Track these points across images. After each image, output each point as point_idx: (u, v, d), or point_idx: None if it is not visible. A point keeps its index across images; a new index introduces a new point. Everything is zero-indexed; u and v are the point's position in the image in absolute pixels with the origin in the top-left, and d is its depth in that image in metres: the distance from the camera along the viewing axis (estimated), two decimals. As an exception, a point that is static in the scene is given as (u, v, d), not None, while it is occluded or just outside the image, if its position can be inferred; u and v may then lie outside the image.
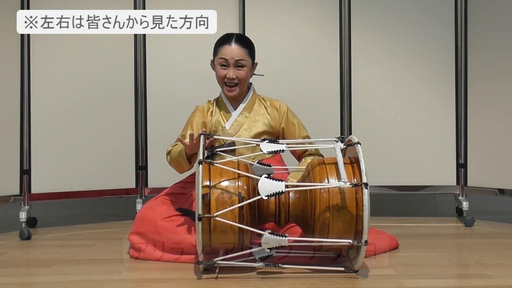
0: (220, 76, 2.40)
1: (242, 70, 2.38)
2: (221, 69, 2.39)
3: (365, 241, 1.84)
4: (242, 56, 2.37)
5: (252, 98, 2.48)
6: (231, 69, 2.37)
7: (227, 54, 2.37)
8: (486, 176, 3.07)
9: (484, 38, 3.08)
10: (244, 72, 2.39)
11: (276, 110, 2.47)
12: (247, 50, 2.40)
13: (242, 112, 2.45)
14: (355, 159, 1.99)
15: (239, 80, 2.39)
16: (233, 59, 2.36)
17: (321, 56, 3.22)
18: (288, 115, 2.47)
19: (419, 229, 2.92)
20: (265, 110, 2.47)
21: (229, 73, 2.37)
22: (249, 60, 2.40)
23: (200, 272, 1.96)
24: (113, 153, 3.10)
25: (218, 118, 2.46)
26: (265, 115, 2.46)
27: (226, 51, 2.38)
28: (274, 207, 1.97)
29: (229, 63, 2.37)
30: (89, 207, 3.45)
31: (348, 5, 3.19)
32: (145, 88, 3.16)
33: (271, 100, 2.51)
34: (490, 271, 2.00)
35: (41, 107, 2.96)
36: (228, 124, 2.44)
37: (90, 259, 2.27)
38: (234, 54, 2.37)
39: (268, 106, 2.48)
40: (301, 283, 1.86)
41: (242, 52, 2.38)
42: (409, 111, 3.21)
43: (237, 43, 2.38)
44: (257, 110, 2.46)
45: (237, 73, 2.38)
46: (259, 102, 2.49)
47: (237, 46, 2.38)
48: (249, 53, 2.41)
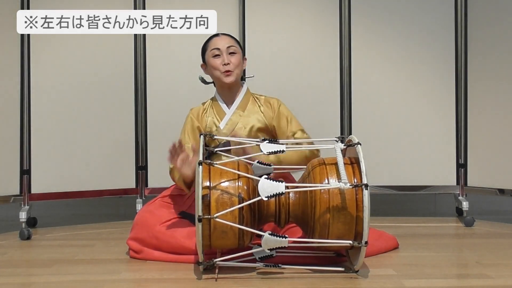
0: (216, 66, 2.41)
1: (235, 56, 2.42)
2: (215, 59, 2.42)
3: (365, 242, 1.84)
4: (232, 43, 2.44)
5: (245, 96, 2.48)
6: (224, 55, 2.40)
7: (218, 44, 2.42)
8: (486, 176, 3.07)
9: (484, 38, 3.08)
10: (237, 59, 2.42)
11: (270, 106, 2.47)
12: (235, 40, 2.49)
13: (236, 111, 2.45)
14: (355, 159, 1.99)
15: (235, 65, 2.41)
16: (225, 46, 2.41)
17: (321, 56, 3.22)
18: (280, 109, 2.46)
19: (419, 229, 2.92)
20: (259, 108, 2.47)
21: (223, 60, 2.40)
22: (239, 49, 2.46)
23: (200, 272, 1.96)
24: (113, 153, 3.10)
25: (213, 118, 2.46)
26: (259, 112, 2.46)
27: (216, 42, 2.44)
28: (274, 207, 1.97)
29: (221, 50, 2.41)
30: (89, 207, 3.45)
31: (348, 5, 3.19)
32: (145, 88, 3.16)
33: (266, 98, 2.51)
34: (490, 271, 1.99)
35: (41, 107, 2.96)
36: (223, 124, 2.44)
37: (90, 259, 2.27)
38: (224, 41, 2.43)
39: (261, 104, 2.48)
40: (301, 283, 1.86)
41: (232, 40, 2.46)
42: (409, 111, 3.21)
43: (225, 35, 2.47)
44: (251, 108, 2.46)
45: (231, 59, 2.41)
46: (253, 100, 2.49)
47: (226, 36, 2.47)
48: (238, 43, 2.49)
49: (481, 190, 3.11)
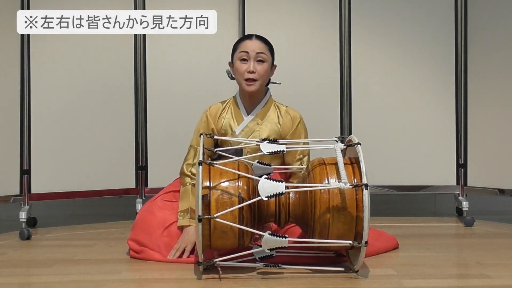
0: (240, 71, 2.34)
1: (263, 65, 2.34)
2: (241, 64, 2.34)
3: (365, 242, 1.84)
4: (263, 50, 2.34)
5: (267, 104, 2.42)
6: (251, 62, 2.32)
7: (248, 47, 2.33)
8: (486, 176, 3.07)
9: (484, 38, 3.08)
10: (264, 68, 2.34)
11: (290, 119, 2.40)
12: (268, 46, 2.37)
13: (254, 119, 2.39)
14: (355, 159, 1.99)
15: (259, 75, 2.33)
16: (254, 51, 2.32)
17: (321, 56, 3.22)
18: (298, 126, 2.40)
19: (419, 229, 2.92)
20: (278, 119, 2.40)
21: (249, 66, 2.32)
22: (269, 56, 2.37)
23: (200, 272, 1.96)
24: (113, 153, 3.10)
25: (229, 120, 2.40)
26: (277, 124, 2.39)
27: (247, 45, 2.34)
28: (274, 207, 1.97)
29: (250, 56, 2.32)
30: (89, 207, 3.45)
31: (348, 5, 3.19)
32: (145, 88, 3.16)
33: (288, 108, 2.43)
34: (490, 271, 2.00)
35: (41, 107, 2.96)
36: (239, 129, 2.38)
37: (90, 259, 2.27)
38: (255, 46, 2.33)
39: (281, 115, 2.41)
40: (301, 283, 1.86)
41: (263, 46, 2.35)
42: (409, 111, 3.21)
43: (258, 39, 2.37)
44: (270, 117, 2.40)
45: (257, 68, 2.33)
46: (274, 109, 2.42)
47: (258, 41, 2.36)
48: (270, 49, 2.38)
49: (481, 190, 3.11)
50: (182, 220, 2.22)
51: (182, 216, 2.23)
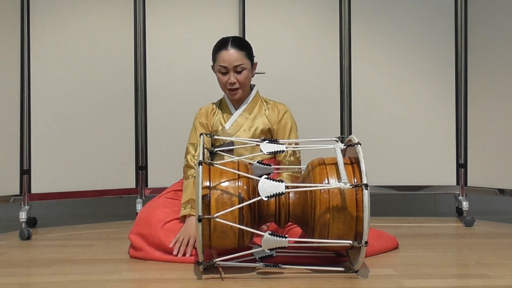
0: (222, 82, 2.41)
1: (242, 74, 2.38)
2: (221, 76, 2.39)
3: (365, 242, 1.84)
4: (240, 61, 2.36)
5: (254, 99, 2.47)
6: (231, 74, 2.37)
7: (225, 61, 2.36)
8: (486, 176, 3.07)
9: (484, 38, 3.08)
10: (244, 76, 2.39)
11: (276, 110, 2.46)
12: (244, 53, 2.39)
13: (242, 113, 2.45)
14: (355, 159, 1.99)
15: (240, 83, 2.39)
16: (232, 64, 2.35)
17: (321, 56, 3.22)
18: (284, 116, 2.45)
19: (419, 229, 2.92)
20: (264, 112, 2.46)
21: (230, 78, 2.37)
22: (247, 62, 2.39)
23: (200, 272, 1.96)
24: (113, 153, 3.10)
25: (220, 118, 2.47)
26: (264, 116, 2.45)
27: (224, 57, 2.36)
28: (274, 207, 1.97)
29: (229, 69, 2.37)
30: (89, 207, 3.45)
31: (348, 5, 3.19)
32: (145, 88, 3.16)
33: (275, 103, 2.49)
34: (490, 271, 2.00)
35: (41, 107, 2.96)
36: (228, 124, 2.44)
37: (90, 259, 2.27)
38: (232, 59, 2.35)
39: (268, 108, 2.47)
40: (301, 283, 1.86)
41: (239, 56, 2.36)
42: (409, 111, 3.21)
43: (233, 47, 2.36)
44: (258, 111, 2.46)
45: (237, 78, 2.38)
46: (261, 104, 2.48)
47: (234, 50, 2.36)
48: (247, 55, 2.40)
49: (481, 190, 3.11)
50: (184, 210, 2.27)
51: (183, 207, 2.28)
